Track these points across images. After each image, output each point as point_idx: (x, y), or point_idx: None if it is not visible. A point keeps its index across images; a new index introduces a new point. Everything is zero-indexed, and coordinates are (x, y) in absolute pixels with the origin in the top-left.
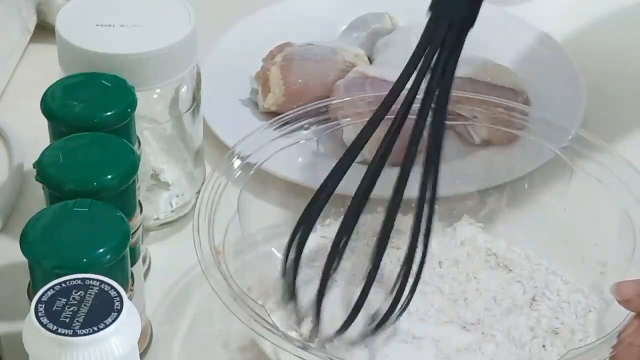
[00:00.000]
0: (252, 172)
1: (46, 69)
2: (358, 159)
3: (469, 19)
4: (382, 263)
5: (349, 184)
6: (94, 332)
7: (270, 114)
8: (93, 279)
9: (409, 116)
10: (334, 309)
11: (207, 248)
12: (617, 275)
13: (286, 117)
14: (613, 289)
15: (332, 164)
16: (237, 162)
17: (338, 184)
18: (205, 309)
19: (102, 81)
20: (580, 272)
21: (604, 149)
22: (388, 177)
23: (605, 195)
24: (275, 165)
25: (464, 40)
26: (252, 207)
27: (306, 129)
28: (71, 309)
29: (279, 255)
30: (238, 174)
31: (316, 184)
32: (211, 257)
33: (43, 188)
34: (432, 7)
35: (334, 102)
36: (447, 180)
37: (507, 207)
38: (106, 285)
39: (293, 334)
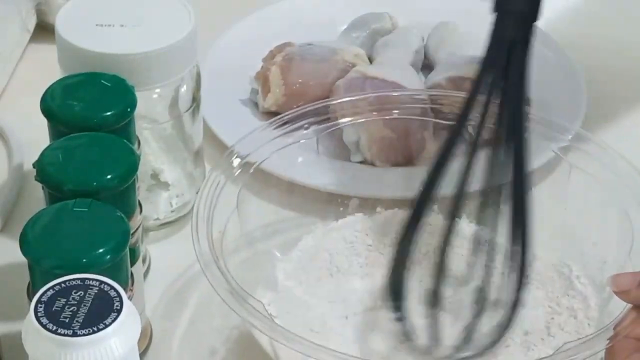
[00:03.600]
0: (251, 171)
1: (46, 69)
2: (358, 159)
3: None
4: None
5: (355, 185)
6: (94, 332)
7: (270, 114)
8: (93, 279)
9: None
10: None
11: (205, 245)
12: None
13: (286, 117)
14: (610, 280)
15: (331, 164)
16: (236, 161)
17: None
18: (205, 309)
19: (102, 81)
20: (580, 270)
21: (603, 147)
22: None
23: (604, 194)
24: (275, 165)
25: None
26: (251, 205)
27: (306, 128)
28: (71, 309)
29: (278, 254)
30: (237, 173)
31: (315, 184)
32: (209, 253)
33: (43, 188)
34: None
35: (334, 102)
36: (446, 181)
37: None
38: (106, 286)
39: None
